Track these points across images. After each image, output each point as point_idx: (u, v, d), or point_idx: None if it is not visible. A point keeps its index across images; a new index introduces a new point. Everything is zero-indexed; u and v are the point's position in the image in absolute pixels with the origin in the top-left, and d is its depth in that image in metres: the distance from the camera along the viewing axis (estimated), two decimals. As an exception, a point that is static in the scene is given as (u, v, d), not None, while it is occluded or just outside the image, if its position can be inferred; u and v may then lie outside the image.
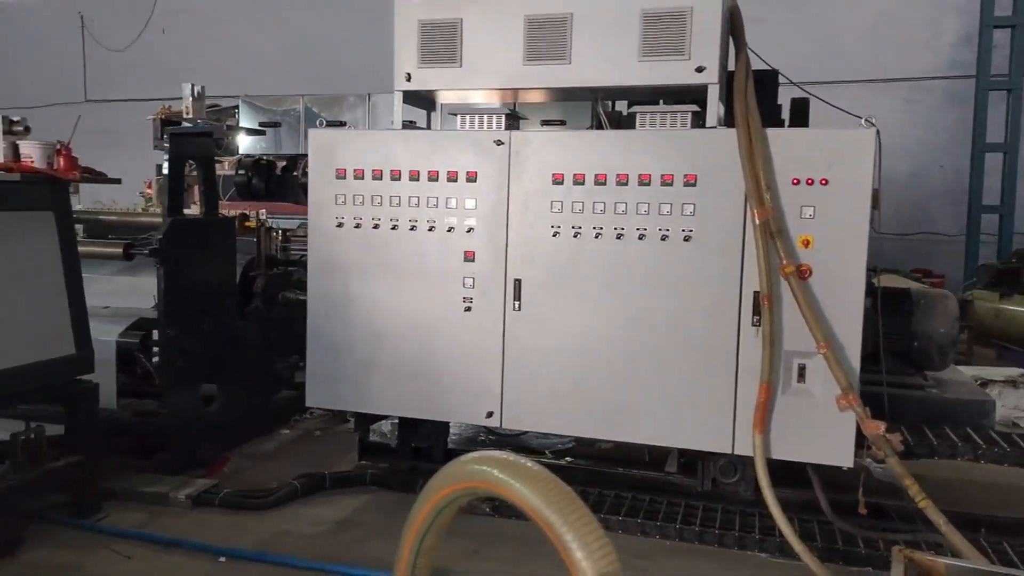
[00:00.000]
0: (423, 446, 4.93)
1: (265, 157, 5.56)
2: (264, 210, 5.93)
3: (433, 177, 4.34)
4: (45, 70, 17.48)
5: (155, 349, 4.95)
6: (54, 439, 4.19)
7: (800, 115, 4.42)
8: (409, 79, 4.39)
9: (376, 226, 4.46)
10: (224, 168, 6.13)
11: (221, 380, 5.34)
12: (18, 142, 3.82)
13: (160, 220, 5.29)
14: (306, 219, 5.62)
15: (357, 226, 4.50)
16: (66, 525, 4.19)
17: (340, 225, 4.53)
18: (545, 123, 5.02)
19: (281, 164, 5.77)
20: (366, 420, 4.86)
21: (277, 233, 5.90)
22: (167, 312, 4.81)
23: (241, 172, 5.39)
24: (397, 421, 4.93)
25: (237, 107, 6.28)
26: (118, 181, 4.62)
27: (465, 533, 4.18)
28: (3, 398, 3.86)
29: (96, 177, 4.33)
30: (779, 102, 4.47)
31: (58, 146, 3.87)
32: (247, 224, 5.48)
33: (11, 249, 3.81)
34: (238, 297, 5.56)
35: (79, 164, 4.07)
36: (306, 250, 6.14)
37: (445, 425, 4.88)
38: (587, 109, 4.90)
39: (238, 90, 14.56)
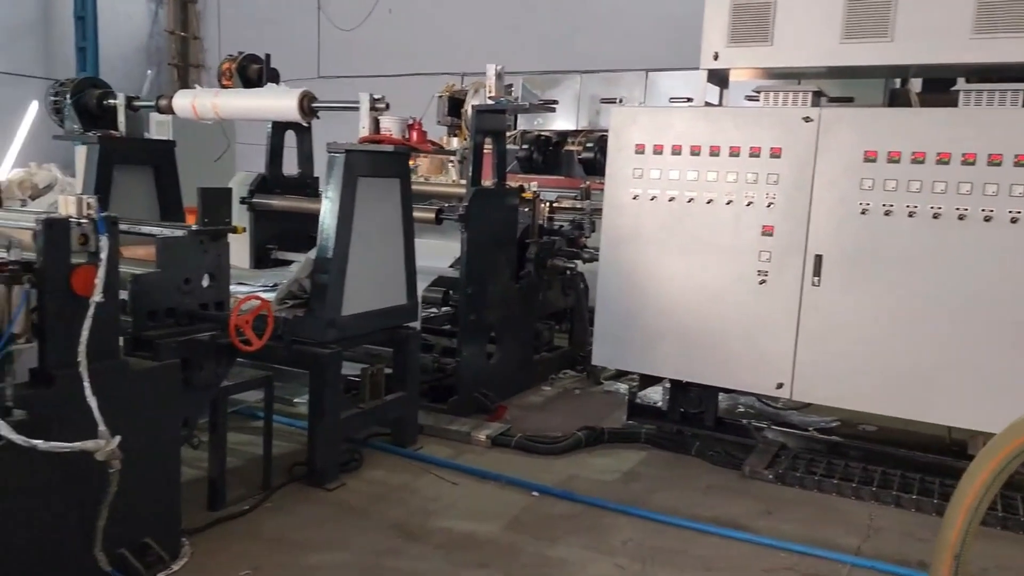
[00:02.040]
0: (693, 411, 5.17)
1: (543, 133, 5.92)
2: (535, 182, 6.34)
3: (734, 153, 4.50)
4: (284, 49, 19.14)
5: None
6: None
7: None
8: (716, 58, 4.56)
9: (672, 199, 4.70)
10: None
11: (500, 337, 5.83)
12: (379, 117, 4.39)
13: (455, 190, 5.83)
14: (567, 191, 5.94)
15: (653, 199, 4.76)
16: (390, 452, 4.81)
17: (636, 198, 4.80)
18: (833, 100, 5.02)
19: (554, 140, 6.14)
20: (648, 381, 5.15)
21: (545, 204, 6.30)
22: (468, 272, 5.33)
23: (525, 147, 5.77)
24: (669, 385, 5.19)
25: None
26: (453, 153, 5.14)
27: (753, 494, 4.39)
28: (358, 336, 4.49)
29: (440, 149, 4.86)
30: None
31: (411, 121, 4.40)
32: (524, 195, 5.90)
33: (372, 209, 4.40)
34: (516, 262, 6.01)
35: (428, 137, 4.61)
36: (566, 222, 6.54)
37: (715, 393, 5.09)
38: (871, 86, 4.85)
39: (459, 68, 15.28)
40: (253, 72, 5.78)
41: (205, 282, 3.70)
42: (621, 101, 5.05)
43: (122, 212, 4.01)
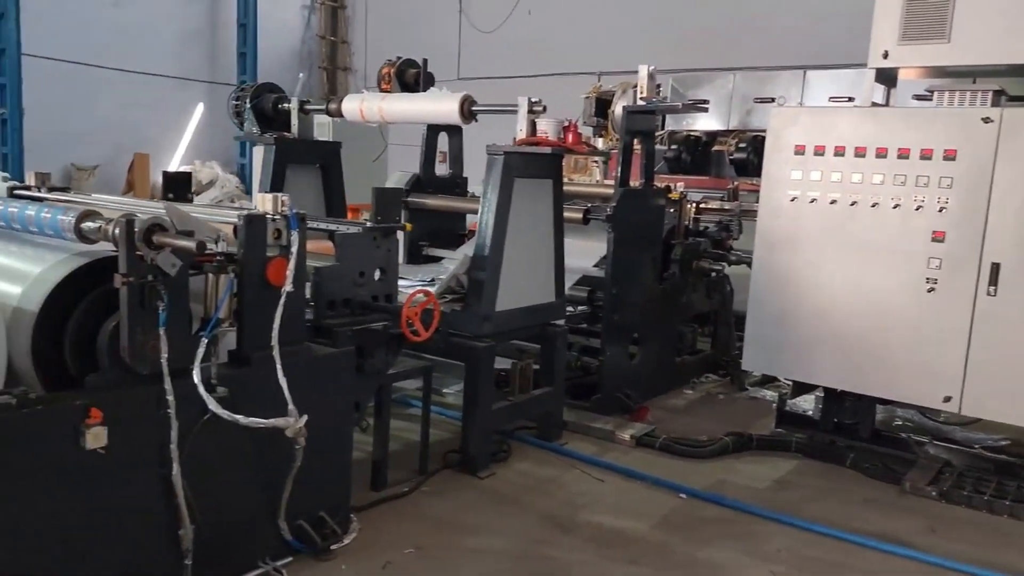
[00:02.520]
0: (847, 422, 4.99)
1: (692, 133, 5.86)
2: (682, 183, 6.30)
3: (903, 155, 4.32)
4: (426, 51, 19.77)
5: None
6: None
7: None
8: (886, 56, 4.39)
9: (833, 202, 4.56)
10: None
11: (643, 337, 5.84)
12: (536, 120, 4.52)
13: (599, 190, 5.89)
14: (713, 192, 5.85)
15: (812, 201, 4.63)
16: (536, 445, 4.93)
17: (794, 200, 4.70)
18: (1013, 100, 4.71)
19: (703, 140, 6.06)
20: (801, 389, 5.02)
21: (691, 205, 6.25)
22: (613, 271, 5.38)
23: (673, 147, 5.73)
24: (822, 393, 5.04)
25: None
26: (605, 154, 5.22)
27: (915, 511, 4.21)
28: (510, 332, 4.63)
29: (594, 151, 4.95)
30: None
31: (566, 123, 4.50)
32: (670, 196, 5.87)
33: (527, 209, 4.53)
34: (660, 264, 6.00)
35: (583, 139, 4.70)
36: (712, 223, 6.45)
37: (873, 404, 4.89)
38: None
39: (595, 67, 15.26)
40: (410, 76, 6.07)
41: (376, 275, 3.94)
42: (780, 100, 4.91)
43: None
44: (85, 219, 2.98)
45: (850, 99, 4.77)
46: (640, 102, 5.32)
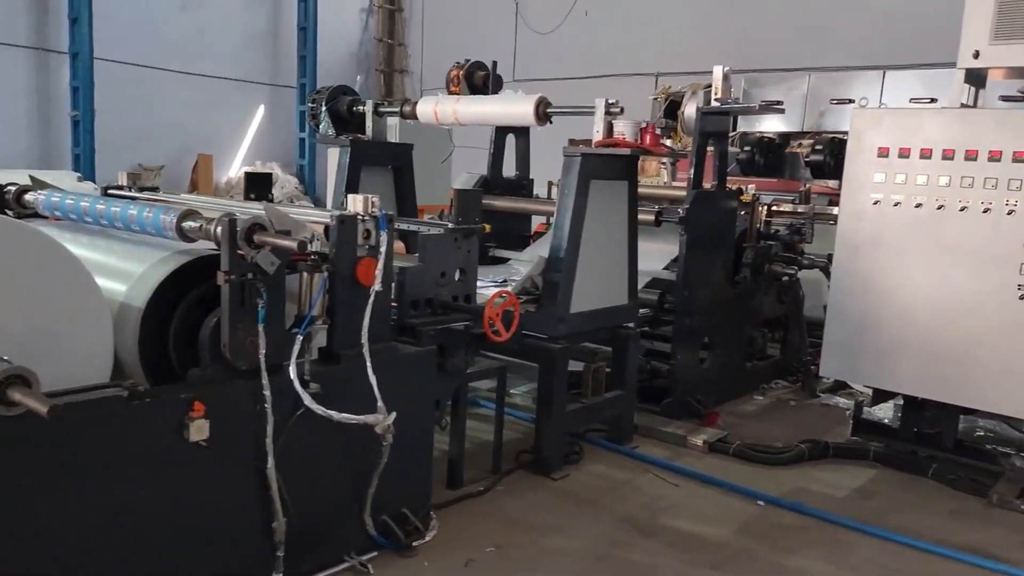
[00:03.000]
0: (928, 432, 4.86)
1: (765, 135, 5.78)
2: (752, 185, 6.21)
3: (994, 157, 4.20)
4: (481, 53, 19.82)
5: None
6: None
7: None
8: (977, 56, 4.27)
9: (919, 205, 4.46)
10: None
11: (713, 342, 5.77)
12: (612, 121, 4.51)
13: (668, 192, 5.84)
14: (784, 195, 5.75)
15: (896, 205, 4.53)
16: (608, 448, 4.91)
17: (877, 203, 4.60)
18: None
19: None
20: (881, 396, 4.92)
21: (763, 208, 6.16)
22: (685, 274, 5.33)
23: (746, 148, 5.66)
24: (902, 402, 4.92)
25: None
26: (682, 155, 5.20)
27: (1004, 524, 4.08)
28: (584, 333, 4.63)
29: (672, 152, 4.93)
30: None
31: (643, 124, 4.48)
32: (742, 198, 5.80)
33: (602, 211, 4.52)
34: (732, 267, 5.93)
35: (661, 141, 4.68)
36: (783, 226, 6.34)
37: (956, 413, 4.75)
38: None
39: (653, 68, 15.11)
40: (479, 79, 6.11)
41: (456, 276, 3.97)
42: (862, 101, 4.80)
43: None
44: (186, 218, 3.07)
45: (932, 100, 4.64)
46: (714, 103, 5.26)
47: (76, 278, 2.71)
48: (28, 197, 3.89)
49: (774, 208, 6.38)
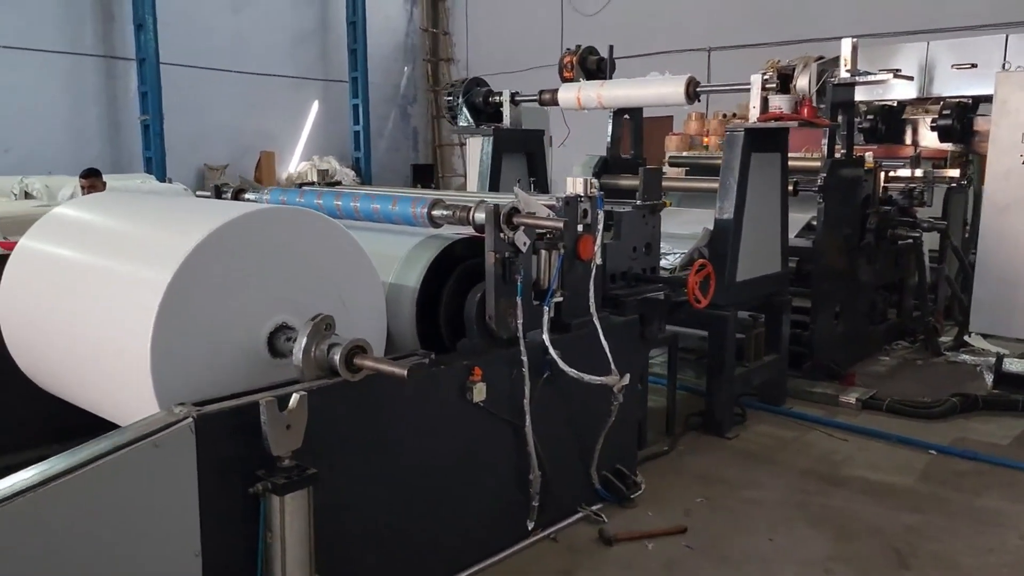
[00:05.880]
0: (1073, 381, 5.07)
1: (886, 103, 5.95)
2: (870, 152, 6.39)
3: None
4: (526, 37, 19.93)
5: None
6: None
7: None
8: None
9: (1068, 164, 4.64)
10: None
11: (844, 305, 5.99)
12: (768, 96, 4.73)
13: (798, 163, 6.04)
14: (896, 161, 5.90)
15: (1044, 164, 4.72)
16: (766, 410, 5.17)
17: (1025, 163, 4.79)
18: None
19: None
20: None
21: (883, 174, 6.33)
22: (822, 241, 5.55)
23: (869, 117, 5.83)
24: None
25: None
26: (837, 124, 5.40)
27: None
28: (746, 300, 4.89)
29: (827, 123, 5.12)
30: None
31: (800, 97, 4.70)
32: (866, 165, 5.99)
33: (760, 183, 4.76)
34: (859, 233, 6.13)
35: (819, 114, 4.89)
36: (897, 192, 6.51)
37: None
38: None
39: (705, 43, 15.12)
40: (592, 63, 6.35)
41: (643, 250, 4.25)
42: (1008, 65, 4.97)
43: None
44: (435, 207, 3.37)
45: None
46: (844, 75, 5.44)
47: (361, 262, 3.00)
48: (248, 196, 4.23)
49: (891, 174, 6.55)
